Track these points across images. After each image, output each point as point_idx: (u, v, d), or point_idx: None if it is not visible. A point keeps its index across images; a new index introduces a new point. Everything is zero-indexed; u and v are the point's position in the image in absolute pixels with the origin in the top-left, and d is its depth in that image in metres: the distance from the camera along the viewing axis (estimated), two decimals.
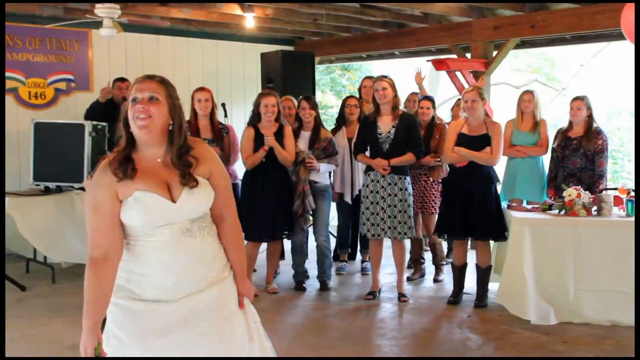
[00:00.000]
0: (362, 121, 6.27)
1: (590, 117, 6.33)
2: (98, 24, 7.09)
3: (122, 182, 2.50)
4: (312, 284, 6.62)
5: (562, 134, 6.49)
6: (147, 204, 2.49)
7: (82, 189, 6.86)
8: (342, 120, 6.98)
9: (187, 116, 6.46)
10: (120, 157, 2.53)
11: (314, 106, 6.49)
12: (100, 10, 6.82)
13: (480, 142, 5.72)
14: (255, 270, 6.57)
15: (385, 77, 5.96)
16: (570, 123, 6.46)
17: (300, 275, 6.59)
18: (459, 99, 7.33)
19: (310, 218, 6.37)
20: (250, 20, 8.30)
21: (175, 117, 2.57)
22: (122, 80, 7.52)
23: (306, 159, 6.18)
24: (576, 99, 6.45)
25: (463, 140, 5.77)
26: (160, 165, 2.57)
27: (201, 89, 6.38)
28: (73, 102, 8.48)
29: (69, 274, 6.88)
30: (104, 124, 7.18)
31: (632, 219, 5.40)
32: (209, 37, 9.75)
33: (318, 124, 6.48)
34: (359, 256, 7.55)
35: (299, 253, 6.53)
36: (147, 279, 2.55)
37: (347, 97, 7.17)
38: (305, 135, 6.39)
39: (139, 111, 2.48)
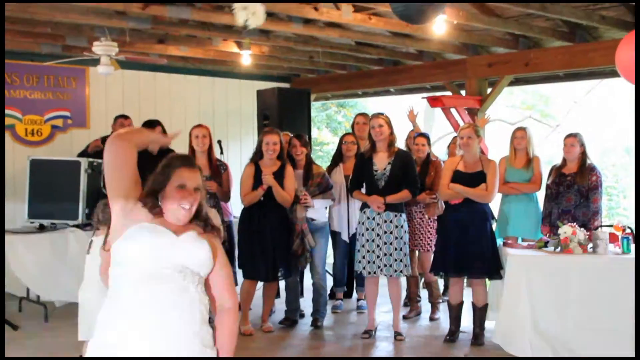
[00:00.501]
0: (357, 158, 6.28)
1: (583, 154, 6.36)
2: (95, 62, 7.13)
3: (142, 210, 2.61)
4: (308, 322, 6.55)
5: (556, 171, 6.50)
6: (153, 232, 2.57)
7: (77, 226, 6.83)
8: (339, 157, 6.99)
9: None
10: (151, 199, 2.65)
11: (305, 144, 6.52)
12: (98, 48, 6.87)
13: (475, 179, 5.73)
14: (251, 309, 6.51)
15: (382, 114, 6.00)
16: (564, 160, 6.48)
17: (292, 313, 6.54)
18: (455, 137, 7.36)
19: (308, 256, 6.34)
20: (246, 58, 8.36)
21: (203, 203, 2.75)
22: (124, 117, 7.49)
23: (300, 197, 6.17)
24: (570, 135, 6.49)
25: (458, 177, 5.78)
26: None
27: (199, 125, 6.41)
28: (69, 139, 8.49)
29: (63, 312, 6.79)
30: (100, 160, 7.18)
31: (628, 256, 5.38)
32: (206, 74, 9.81)
33: (309, 161, 6.49)
34: (355, 294, 7.50)
35: (292, 290, 6.49)
36: (135, 321, 2.52)
37: (345, 134, 7.19)
38: (298, 173, 6.38)
39: (186, 199, 2.64)
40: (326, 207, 6.81)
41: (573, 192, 6.31)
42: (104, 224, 4.51)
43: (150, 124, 6.75)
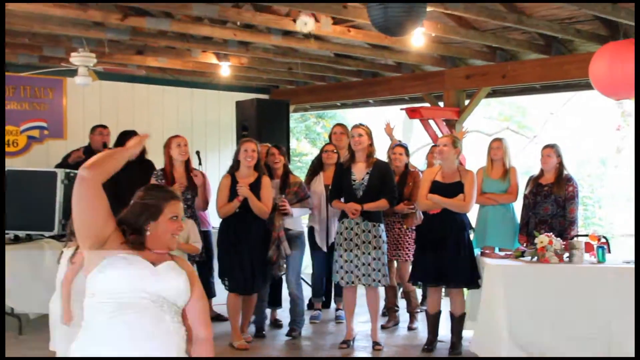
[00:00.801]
0: (337, 168, 6.30)
1: (560, 165, 6.44)
2: (73, 72, 7.11)
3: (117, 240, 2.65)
4: (285, 332, 6.53)
5: (534, 181, 6.57)
6: (130, 262, 2.59)
7: (53, 237, 6.76)
8: (319, 166, 7.00)
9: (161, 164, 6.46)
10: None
11: (283, 153, 6.55)
12: (75, 58, 6.84)
13: (453, 189, 5.77)
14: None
15: (362, 125, 6.03)
16: (542, 170, 6.56)
17: (259, 322, 6.55)
18: (433, 146, 7.42)
19: (283, 264, 6.33)
20: (225, 69, 8.37)
21: None
22: (103, 126, 7.43)
23: (279, 203, 6.17)
24: (546, 146, 6.57)
25: (437, 188, 5.81)
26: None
27: (178, 135, 6.40)
28: (46, 150, 8.43)
29: (37, 324, 6.71)
30: (77, 171, 7.12)
31: (604, 265, 5.44)
32: (185, 85, 9.80)
33: (287, 170, 6.51)
34: (333, 304, 7.50)
35: (260, 300, 6.48)
36: (111, 348, 2.54)
37: (326, 144, 7.20)
38: (275, 182, 6.38)
39: (180, 229, 2.79)
40: (303, 217, 6.82)
41: (550, 202, 6.38)
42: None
43: (126, 135, 6.72)
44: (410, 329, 6.77)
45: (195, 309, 2.76)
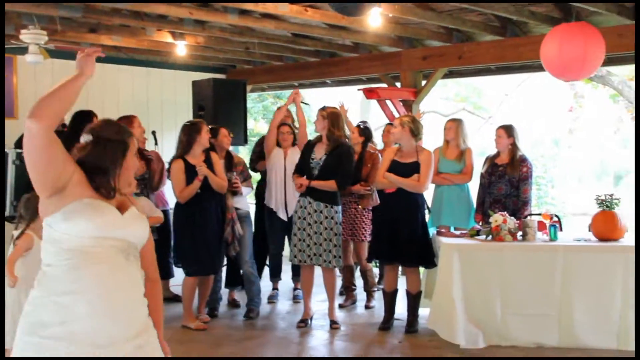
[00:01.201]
0: (305, 144, 6.33)
1: (513, 145, 6.52)
2: (24, 50, 6.93)
3: (79, 184, 2.47)
4: (243, 312, 6.55)
5: (490, 161, 6.67)
6: (97, 209, 2.45)
7: (5, 219, 6.63)
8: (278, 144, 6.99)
9: None
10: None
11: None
12: (25, 36, 6.67)
13: (410, 169, 5.83)
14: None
15: (324, 108, 6.12)
16: (498, 151, 6.66)
17: (213, 303, 6.60)
18: (387, 124, 7.48)
19: (237, 244, 6.34)
20: (181, 48, 8.26)
21: None
22: None
23: (232, 180, 6.21)
24: (499, 127, 6.66)
25: (394, 167, 5.88)
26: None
27: (135, 116, 6.39)
28: None
29: None
30: None
31: (556, 243, 5.59)
32: (140, 64, 9.64)
33: (229, 150, 6.65)
34: (291, 284, 7.53)
35: (216, 280, 6.51)
36: (80, 297, 2.40)
37: (281, 125, 7.13)
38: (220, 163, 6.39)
39: (139, 168, 2.68)
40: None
41: (504, 182, 6.48)
42: (25, 220, 4.41)
43: (83, 116, 6.61)
44: (367, 307, 6.86)
45: (148, 251, 2.71)
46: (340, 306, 6.80)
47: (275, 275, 7.39)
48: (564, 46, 5.59)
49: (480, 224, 6.30)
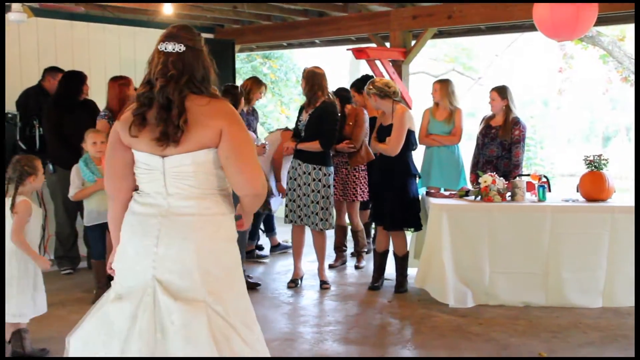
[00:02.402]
0: (300, 108, 6.33)
1: (507, 107, 6.49)
2: (7, 8, 6.82)
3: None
4: None
5: (485, 122, 6.66)
6: None
7: None
8: None
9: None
10: None
11: None
12: None
13: (387, 132, 5.82)
14: None
15: (305, 69, 6.09)
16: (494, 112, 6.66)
17: None
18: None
19: None
20: (168, 7, 8.15)
21: None
22: (57, 70, 7.17)
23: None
24: (492, 89, 6.61)
25: (378, 131, 5.93)
26: None
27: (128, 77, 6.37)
28: None
29: None
30: (14, 112, 6.93)
31: (544, 203, 5.64)
32: (126, 23, 9.49)
33: None
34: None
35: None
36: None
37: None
38: None
39: None
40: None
41: (496, 145, 6.48)
42: (13, 182, 4.36)
43: (73, 77, 6.54)
44: (357, 267, 6.93)
45: None
46: (330, 266, 6.86)
47: (270, 230, 7.55)
48: (556, 5, 5.56)
49: (474, 185, 6.32)
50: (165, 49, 2.65)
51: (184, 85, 2.61)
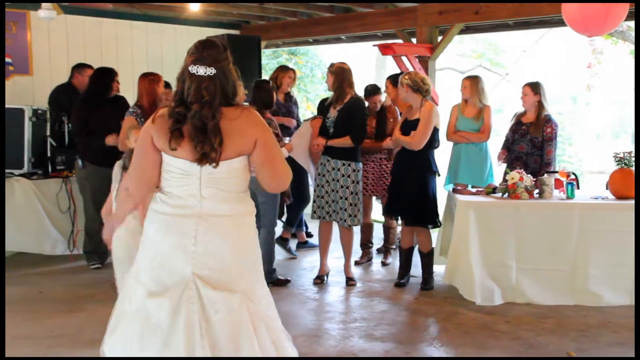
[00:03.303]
0: (323, 104, 6.34)
1: (540, 104, 6.43)
2: (37, 5, 6.92)
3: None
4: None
5: (517, 118, 6.61)
6: None
7: (23, 175, 6.70)
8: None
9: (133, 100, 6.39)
10: None
11: None
12: None
13: (413, 126, 5.79)
14: None
15: (332, 65, 6.07)
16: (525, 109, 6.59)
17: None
18: (387, 79, 7.40)
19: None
20: (195, 4, 8.19)
21: None
22: (84, 66, 7.25)
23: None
24: (525, 85, 6.54)
25: (403, 125, 5.91)
26: None
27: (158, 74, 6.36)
28: (12, 86, 8.24)
29: (11, 263, 6.72)
30: (44, 108, 7.02)
31: (572, 201, 5.57)
32: (153, 20, 9.58)
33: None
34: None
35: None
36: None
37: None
38: None
39: None
40: None
41: (526, 141, 6.43)
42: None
43: (105, 74, 6.59)
44: (384, 264, 6.91)
45: None
46: (356, 263, 6.86)
47: (292, 225, 7.48)
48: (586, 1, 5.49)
49: (505, 159, 6.39)
50: (197, 72, 2.80)
51: (217, 106, 2.79)
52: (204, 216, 2.85)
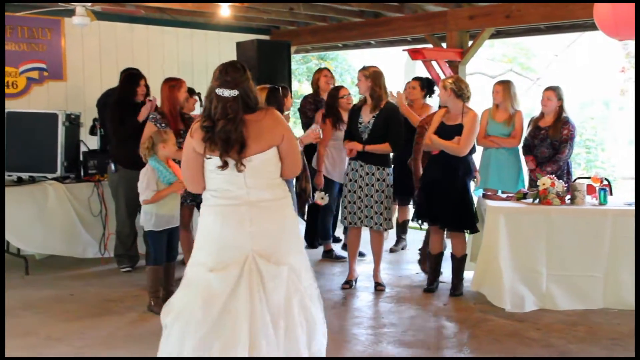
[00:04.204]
0: (351, 108, 6.33)
1: (560, 108, 6.42)
2: (71, 12, 7.01)
3: None
4: None
5: (534, 123, 6.57)
6: None
7: (56, 179, 6.79)
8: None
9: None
10: None
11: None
12: None
13: (454, 131, 5.75)
14: None
15: (365, 68, 6.00)
16: (542, 112, 6.55)
17: None
18: (408, 82, 7.36)
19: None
20: (225, 9, 8.25)
21: None
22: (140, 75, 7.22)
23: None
24: (547, 89, 6.54)
25: (440, 129, 5.83)
26: None
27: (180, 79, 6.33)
28: (46, 92, 8.38)
29: (43, 265, 6.83)
30: (77, 113, 7.11)
31: (604, 207, 5.49)
32: (184, 25, 9.67)
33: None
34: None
35: None
36: None
37: (340, 88, 7.18)
38: None
39: None
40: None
41: (546, 145, 6.43)
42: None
43: (132, 77, 6.64)
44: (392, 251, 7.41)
45: None
46: (392, 250, 7.41)
47: (325, 239, 7.41)
48: (618, 3, 5.40)
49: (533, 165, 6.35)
50: (222, 94, 3.32)
51: (239, 120, 3.31)
52: (252, 203, 3.37)
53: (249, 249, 3.36)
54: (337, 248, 7.52)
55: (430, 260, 6.15)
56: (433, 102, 7.34)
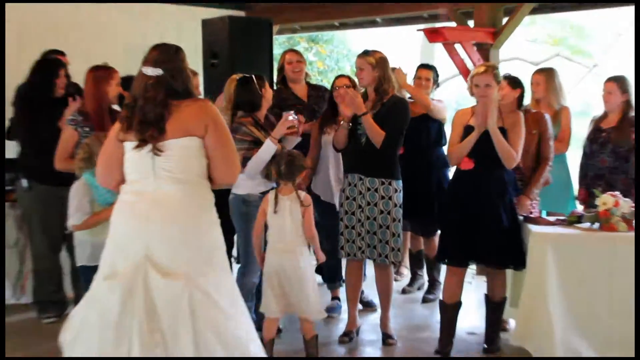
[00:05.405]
0: None
1: (627, 104, 6.39)
2: None
3: None
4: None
5: (594, 124, 6.56)
6: None
7: None
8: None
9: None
10: None
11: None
12: None
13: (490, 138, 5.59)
14: None
15: (367, 54, 5.93)
16: (606, 111, 6.52)
17: None
18: (418, 68, 7.29)
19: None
20: None
21: None
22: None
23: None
24: (609, 80, 6.53)
25: (467, 135, 5.66)
26: None
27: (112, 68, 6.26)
28: None
29: None
30: None
31: None
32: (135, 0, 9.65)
33: None
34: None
35: None
36: None
37: (338, 77, 7.01)
38: None
39: None
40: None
41: (607, 153, 6.39)
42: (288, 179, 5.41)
43: (49, 65, 6.58)
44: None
45: None
46: (404, 291, 7.62)
47: (332, 282, 7.16)
48: None
49: (584, 202, 6.19)
50: (147, 72, 3.86)
51: (160, 101, 3.82)
52: (159, 200, 3.80)
53: (142, 255, 3.73)
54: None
55: (443, 313, 5.88)
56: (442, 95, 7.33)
